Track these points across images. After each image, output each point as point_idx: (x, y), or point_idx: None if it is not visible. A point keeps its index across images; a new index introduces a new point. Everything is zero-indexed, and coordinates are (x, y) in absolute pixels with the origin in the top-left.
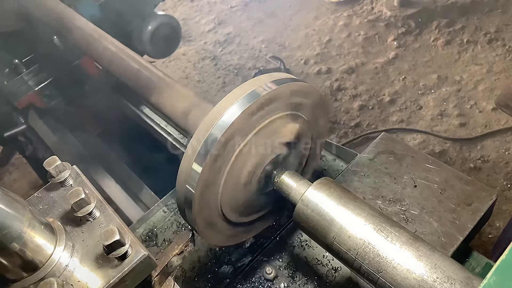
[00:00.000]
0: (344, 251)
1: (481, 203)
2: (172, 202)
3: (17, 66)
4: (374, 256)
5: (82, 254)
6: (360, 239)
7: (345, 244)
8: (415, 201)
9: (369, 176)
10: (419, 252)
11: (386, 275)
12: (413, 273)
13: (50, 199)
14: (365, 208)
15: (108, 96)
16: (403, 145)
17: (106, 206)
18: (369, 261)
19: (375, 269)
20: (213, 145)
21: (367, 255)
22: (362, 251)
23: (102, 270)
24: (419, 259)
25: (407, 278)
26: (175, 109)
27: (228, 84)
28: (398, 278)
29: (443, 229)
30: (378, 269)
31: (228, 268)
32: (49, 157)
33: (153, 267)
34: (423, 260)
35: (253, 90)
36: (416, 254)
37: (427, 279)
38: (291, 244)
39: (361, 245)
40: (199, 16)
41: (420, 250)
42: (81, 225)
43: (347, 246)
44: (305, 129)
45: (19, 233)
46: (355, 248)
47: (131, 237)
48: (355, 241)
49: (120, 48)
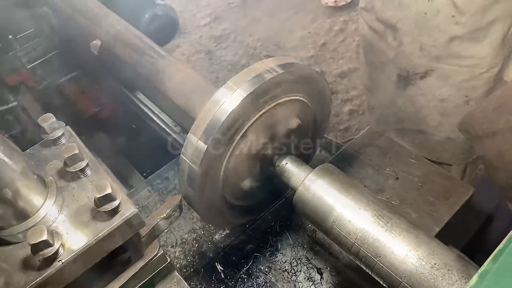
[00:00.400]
0: (343, 235)
1: (458, 198)
2: (158, 183)
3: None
4: (373, 241)
5: (71, 209)
6: (360, 224)
7: (345, 228)
8: (396, 192)
9: (353, 166)
10: (418, 239)
11: (384, 259)
12: (411, 258)
13: (42, 156)
14: (366, 194)
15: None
16: (388, 139)
17: (98, 166)
18: (368, 245)
19: (373, 253)
20: (217, 126)
21: (366, 240)
22: (361, 236)
23: (91, 224)
24: (418, 245)
25: (405, 263)
26: (179, 90)
27: (221, 79)
28: (396, 263)
29: (421, 221)
30: (377, 254)
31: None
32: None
33: (142, 225)
34: (421, 247)
35: (259, 74)
36: (415, 241)
37: (425, 264)
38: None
39: (361, 229)
40: (195, 9)
41: (419, 237)
42: (72, 181)
43: (347, 230)
44: (308, 115)
45: (12, 179)
46: (355, 232)
47: (122, 195)
48: (355, 226)
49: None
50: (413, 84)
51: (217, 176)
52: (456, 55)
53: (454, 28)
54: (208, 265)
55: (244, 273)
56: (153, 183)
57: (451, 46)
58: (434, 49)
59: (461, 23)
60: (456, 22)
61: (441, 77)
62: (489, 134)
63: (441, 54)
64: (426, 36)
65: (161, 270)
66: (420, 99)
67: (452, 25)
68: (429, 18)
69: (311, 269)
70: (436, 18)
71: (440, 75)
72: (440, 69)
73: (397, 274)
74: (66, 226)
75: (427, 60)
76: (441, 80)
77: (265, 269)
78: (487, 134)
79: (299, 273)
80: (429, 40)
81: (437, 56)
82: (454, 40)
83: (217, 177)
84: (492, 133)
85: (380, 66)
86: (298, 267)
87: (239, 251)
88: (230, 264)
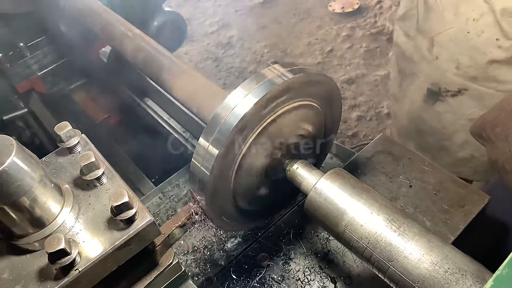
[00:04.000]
0: (355, 239)
1: (473, 206)
2: (168, 190)
3: (21, 50)
4: (386, 245)
5: (87, 217)
6: (372, 228)
7: (357, 233)
8: (410, 200)
9: (365, 174)
10: (431, 243)
11: (397, 264)
12: (424, 263)
13: (58, 164)
14: (378, 199)
15: (112, 85)
16: (401, 146)
17: (115, 174)
18: (381, 249)
19: (386, 257)
20: (229, 130)
21: (378, 244)
22: (374, 240)
23: (107, 233)
24: (431, 250)
25: (418, 267)
26: (189, 94)
27: (228, 86)
28: (409, 267)
29: (435, 229)
30: (389, 258)
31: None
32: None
33: (158, 233)
34: (434, 251)
35: (270, 79)
36: (428, 245)
37: (438, 269)
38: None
39: (373, 234)
40: (203, 17)
41: (432, 241)
42: (88, 189)
43: (359, 235)
44: (319, 119)
45: (30, 187)
46: (367, 237)
47: (138, 203)
48: (368, 230)
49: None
50: (443, 100)
51: (228, 181)
52: (494, 78)
53: (496, 52)
54: (220, 273)
55: (257, 282)
56: (164, 190)
57: (490, 68)
58: (471, 69)
59: (504, 47)
60: (499, 45)
61: (474, 97)
62: (502, 138)
63: (478, 75)
64: (465, 55)
65: (176, 279)
66: (448, 117)
67: (495, 48)
68: (470, 38)
69: (324, 278)
70: (478, 39)
71: (474, 96)
72: (475, 90)
73: (410, 279)
74: (83, 235)
75: (462, 79)
76: (473, 100)
77: (278, 278)
78: (500, 137)
79: (313, 282)
80: (467, 59)
81: (474, 76)
82: (494, 63)
83: (228, 182)
84: (505, 137)
85: (411, 76)
86: (311, 276)
87: (252, 259)
88: (243, 272)
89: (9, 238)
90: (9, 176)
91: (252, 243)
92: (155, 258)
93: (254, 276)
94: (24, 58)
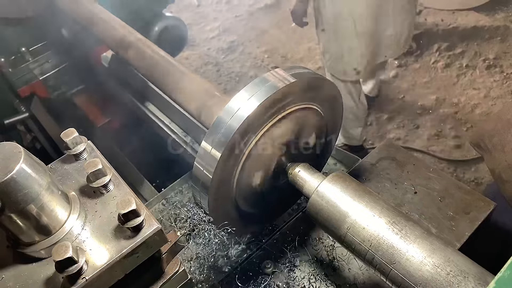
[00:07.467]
0: (357, 242)
1: (479, 213)
2: (171, 196)
3: (23, 54)
4: (388, 248)
5: (94, 225)
6: (374, 231)
7: (359, 235)
8: (415, 207)
9: (370, 180)
10: (432, 245)
11: (399, 266)
12: (426, 265)
13: (64, 171)
14: (379, 202)
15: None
16: (405, 152)
17: (121, 181)
18: (383, 252)
19: (388, 260)
20: (231, 134)
21: (380, 247)
22: (376, 243)
23: (114, 241)
24: (433, 252)
25: (421, 270)
26: (191, 99)
27: (229, 90)
28: (411, 270)
29: (441, 236)
30: (391, 261)
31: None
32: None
33: (165, 241)
34: (436, 254)
35: (272, 83)
36: (430, 248)
37: (440, 271)
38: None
39: (375, 236)
40: (204, 22)
41: (434, 244)
42: (94, 197)
43: (361, 237)
44: (320, 123)
45: (38, 194)
46: (369, 240)
47: (146, 211)
48: (370, 233)
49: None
50: None
51: (230, 184)
52: None
53: None
54: (224, 280)
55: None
56: (167, 196)
57: None
58: None
59: None
60: None
61: None
62: (499, 148)
63: None
64: None
65: (182, 286)
66: None
67: None
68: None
69: (330, 285)
70: None
71: None
72: None
73: (413, 281)
74: (90, 242)
75: None
76: None
77: (283, 286)
78: (497, 148)
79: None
80: None
81: None
82: None
83: (231, 185)
84: (502, 147)
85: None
86: (317, 284)
87: (257, 266)
88: (248, 279)
89: (15, 246)
90: (17, 184)
91: (256, 250)
92: (162, 266)
93: (259, 283)
94: (26, 63)
